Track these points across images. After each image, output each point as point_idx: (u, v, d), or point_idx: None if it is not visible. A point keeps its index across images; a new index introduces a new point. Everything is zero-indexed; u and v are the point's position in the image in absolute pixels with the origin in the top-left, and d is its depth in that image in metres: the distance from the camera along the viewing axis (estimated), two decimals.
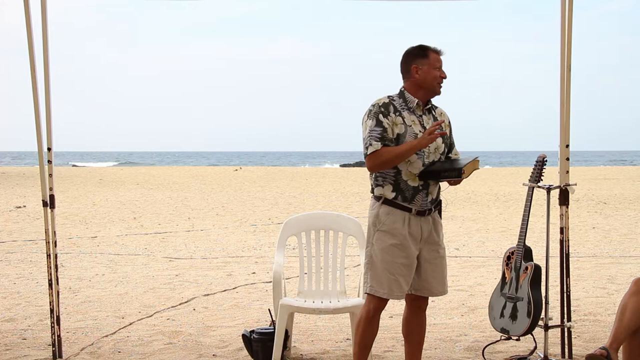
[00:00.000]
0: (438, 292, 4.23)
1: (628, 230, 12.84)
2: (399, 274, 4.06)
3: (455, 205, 18.24)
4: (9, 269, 9.05)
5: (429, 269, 4.16)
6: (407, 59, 4.17)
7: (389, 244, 4.05)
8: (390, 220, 4.06)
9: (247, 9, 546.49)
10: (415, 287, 4.20)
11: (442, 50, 4.16)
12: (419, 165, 4.06)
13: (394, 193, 4.06)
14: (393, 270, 4.05)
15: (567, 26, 4.86)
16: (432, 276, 4.17)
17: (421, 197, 4.08)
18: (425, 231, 4.13)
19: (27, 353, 5.20)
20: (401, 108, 4.09)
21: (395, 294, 4.09)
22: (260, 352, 4.97)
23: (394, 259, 4.05)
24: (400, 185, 4.06)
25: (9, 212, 16.55)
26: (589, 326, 5.92)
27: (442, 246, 4.23)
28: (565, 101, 4.92)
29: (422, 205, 4.09)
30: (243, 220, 15.14)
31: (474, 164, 4.12)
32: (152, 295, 7.39)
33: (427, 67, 4.10)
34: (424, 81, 4.11)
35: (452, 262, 9.53)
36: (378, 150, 3.99)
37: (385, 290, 4.07)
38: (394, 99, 4.13)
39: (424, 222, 4.12)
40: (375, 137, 4.01)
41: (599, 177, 31.55)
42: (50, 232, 5.00)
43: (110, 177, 33.03)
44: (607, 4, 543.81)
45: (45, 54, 4.90)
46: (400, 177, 4.06)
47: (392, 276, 4.06)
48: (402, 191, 4.06)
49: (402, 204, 4.06)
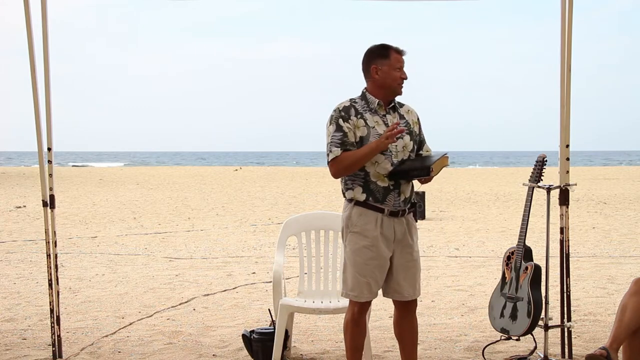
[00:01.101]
0: (408, 296, 4.14)
1: (628, 230, 12.84)
2: (370, 276, 4.03)
3: (455, 205, 18.24)
4: (9, 269, 9.05)
5: (401, 272, 4.10)
6: (367, 58, 4.12)
7: (360, 245, 4.01)
8: (362, 221, 4.02)
9: (247, 9, 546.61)
10: (386, 289, 4.14)
11: (404, 50, 4.09)
12: (387, 165, 4.00)
13: (365, 195, 4.02)
14: (364, 273, 4.01)
15: (567, 26, 4.86)
16: (403, 279, 4.10)
17: (393, 197, 4.03)
18: (399, 233, 4.07)
19: (27, 353, 5.20)
20: (363, 110, 4.05)
21: (365, 296, 4.06)
22: (260, 352, 4.96)
23: (365, 260, 4.01)
24: (370, 186, 4.02)
25: (9, 212, 16.56)
26: (589, 326, 5.92)
27: (415, 249, 4.15)
28: (565, 101, 4.92)
29: (394, 206, 4.03)
30: (243, 220, 15.14)
31: (443, 161, 4.05)
32: (152, 295, 7.39)
33: (386, 67, 4.05)
34: (384, 82, 4.06)
35: (452, 262, 9.54)
36: (338, 156, 3.97)
37: (356, 292, 4.04)
38: (355, 101, 4.09)
39: (397, 223, 4.06)
40: (336, 143, 3.98)
41: (599, 177, 31.55)
42: (50, 232, 5.00)
43: (110, 177, 33.04)
44: (607, 4, 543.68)
45: (45, 54, 4.90)
46: (369, 178, 4.01)
47: (362, 278, 4.02)
48: (372, 192, 4.02)
49: (374, 205, 4.01)
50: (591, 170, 40.68)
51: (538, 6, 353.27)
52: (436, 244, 11.24)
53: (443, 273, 8.65)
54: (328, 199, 20.51)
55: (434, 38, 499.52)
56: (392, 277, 4.10)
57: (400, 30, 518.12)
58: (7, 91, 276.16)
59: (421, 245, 11.04)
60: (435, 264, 9.31)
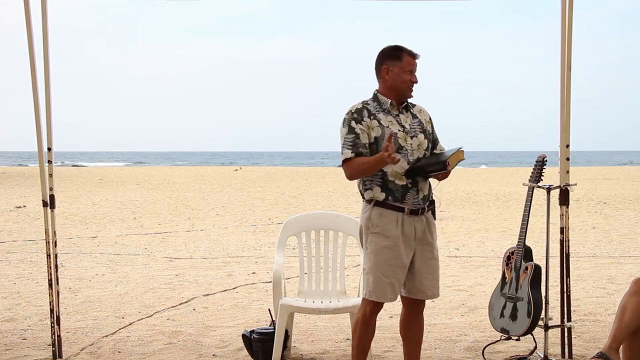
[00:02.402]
0: (431, 295, 4.16)
1: (628, 230, 12.84)
2: (393, 277, 4.02)
3: (455, 205, 18.24)
4: (9, 269, 9.05)
5: (422, 270, 4.10)
6: (380, 58, 4.13)
7: (382, 245, 4.01)
8: (383, 221, 4.02)
9: (247, 9, 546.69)
10: (409, 289, 4.14)
11: (418, 54, 4.09)
12: (403, 164, 4.01)
13: (384, 194, 4.02)
14: (387, 273, 4.01)
15: (567, 26, 4.86)
16: (425, 278, 4.11)
17: (412, 195, 4.03)
18: (419, 231, 4.07)
19: (27, 353, 5.20)
20: (376, 111, 4.07)
21: (389, 297, 4.05)
22: (260, 352, 4.97)
23: (387, 261, 4.00)
24: (388, 185, 4.02)
25: (9, 212, 16.55)
26: (589, 326, 5.92)
27: (435, 247, 4.16)
28: (565, 101, 4.92)
29: (414, 204, 4.04)
30: (243, 220, 15.14)
31: (458, 154, 4.04)
32: (152, 295, 7.39)
33: (397, 69, 4.06)
34: (393, 83, 4.07)
35: (452, 262, 9.54)
36: (350, 159, 3.99)
37: (379, 294, 4.03)
38: (367, 103, 4.11)
39: (417, 221, 4.06)
40: (348, 145, 4.00)
41: (599, 177, 31.54)
42: (50, 232, 5.00)
43: (110, 177, 33.04)
44: (607, 4, 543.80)
45: (46, 54, 4.90)
46: (387, 178, 4.01)
47: (385, 279, 4.01)
48: (391, 191, 4.01)
49: (394, 204, 4.01)
50: (591, 170, 40.68)
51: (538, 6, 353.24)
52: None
53: (443, 273, 8.60)
54: (328, 199, 20.51)
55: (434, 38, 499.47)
56: (415, 276, 4.09)
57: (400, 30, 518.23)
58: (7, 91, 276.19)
59: None
60: None
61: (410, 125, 4.10)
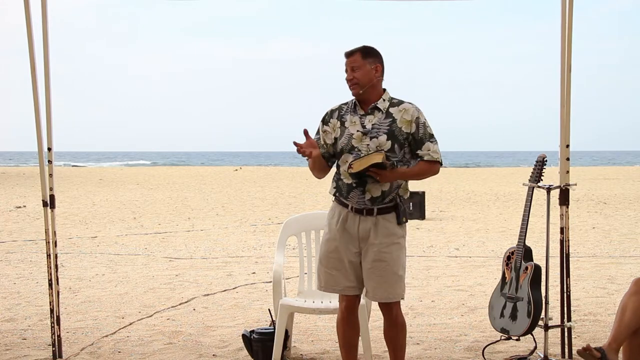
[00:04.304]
0: (377, 298, 4.11)
1: (628, 230, 12.84)
2: (332, 268, 4.14)
3: (455, 205, 18.24)
4: (9, 269, 9.05)
5: (366, 271, 4.11)
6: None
7: (325, 238, 4.21)
8: (329, 215, 4.22)
9: (248, 9, 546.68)
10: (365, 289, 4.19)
11: (346, 52, 4.14)
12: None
13: (335, 189, 4.20)
14: (324, 262, 4.17)
15: (567, 26, 4.86)
16: (369, 279, 4.10)
17: (356, 195, 4.07)
18: (363, 231, 4.08)
19: (27, 353, 5.20)
20: (346, 112, 4.18)
21: (332, 288, 4.16)
22: (260, 352, 4.96)
23: (327, 253, 4.17)
24: (338, 182, 4.17)
25: (9, 212, 16.56)
26: (589, 326, 5.92)
27: (384, 250, 4.05)
28: (565, 101, 4.91)
29: (358, 203, 4.07)
30: (243, 220, 15.14)
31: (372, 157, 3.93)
32: (152, 295, 7.39)
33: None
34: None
35: (452, 262, 9.54)
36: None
37: (322, 283, 4.20)
38: (345, 104, 4.23)
39: (363, 221, 4.08)
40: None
41: (599, 177, 31.55)
42: (50, 232, 5.00)
43: (110, 177, 33.04)
44: (607, 4, 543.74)
45: (46, 54, 4.90)
46: (339, 176, 4.16)
47: (323, 268, 4.17)
48: (339, 188, 4.16)
49: (340, 200, 4.15)
50: (591, 170, 40.68)
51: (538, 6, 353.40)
52: (436, 244, 11.24)
53: (443, 273, 8.65)
54: (328, 199, 20.49)
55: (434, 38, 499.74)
56: (363, 277, 4.15)
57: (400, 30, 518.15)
58: (7, 91, 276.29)
59: (421, 245, 11.06)
60: (435, 264, 9.32)
61: (375, 125, 4.06)
